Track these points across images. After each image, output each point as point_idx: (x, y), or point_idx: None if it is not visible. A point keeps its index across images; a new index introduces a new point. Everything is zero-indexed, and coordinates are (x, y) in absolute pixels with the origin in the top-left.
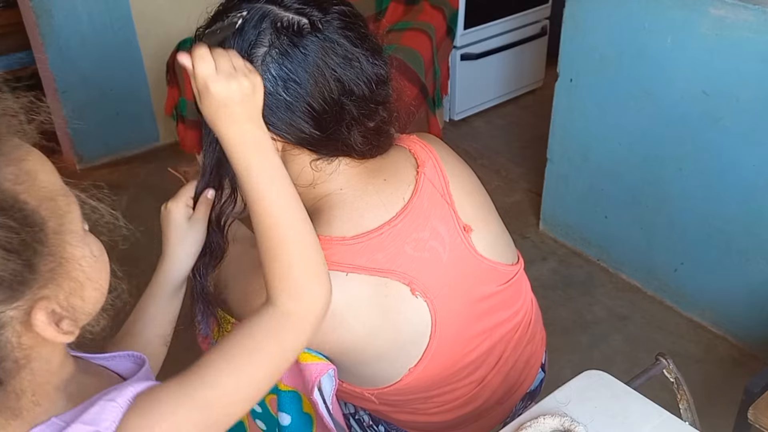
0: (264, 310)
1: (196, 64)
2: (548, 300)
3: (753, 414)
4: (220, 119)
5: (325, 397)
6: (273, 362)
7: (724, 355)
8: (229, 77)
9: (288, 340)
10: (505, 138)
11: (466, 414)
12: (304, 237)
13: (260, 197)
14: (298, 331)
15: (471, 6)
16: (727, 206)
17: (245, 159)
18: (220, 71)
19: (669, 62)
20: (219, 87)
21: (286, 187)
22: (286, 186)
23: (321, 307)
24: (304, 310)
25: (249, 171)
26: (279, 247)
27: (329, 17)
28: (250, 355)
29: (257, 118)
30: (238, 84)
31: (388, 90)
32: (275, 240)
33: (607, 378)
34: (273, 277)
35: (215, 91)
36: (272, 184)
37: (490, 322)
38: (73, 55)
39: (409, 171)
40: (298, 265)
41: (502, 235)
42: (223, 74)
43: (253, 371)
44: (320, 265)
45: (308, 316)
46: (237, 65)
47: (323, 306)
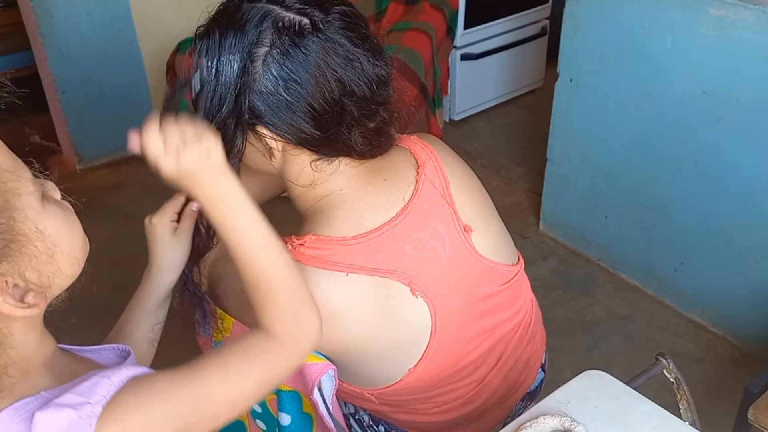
0: (260, 332)
1: (144, 148)
2: (548, 300)
3: (753, 414)
4: (185, 185)
5: (325, 397)
6: (262, 380)
7: (724, 355)
8: (178, 154)
9: (279, 364)
10: (505, 138)
11: (466, 414)
12: (287, 276)
13: (239, 247)
14: (289, 358)
15: (471, 6)
16: (727, 206)
17: (217, 215)
18: (168, 150)
19: (669, 62)
20: (169, 167)
21: (263, 232)
22: (262, 232)
23: (312, 337)
24: (296, 341)
25: (224, 225)
26: (266, 290)
27: (330, 17)
28: (242, 367)
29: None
30: (187, 158)
31: (388, 90)
32: (261, 283)
33: (607, 378)
34: (264, 316)
35: (166, 171)
36: (249, 232)
37: (490, 323)
38: (73, 55)
39: (409, 171)
40: (286, 303)
41: (502, 236)
42: (171, 152)
43: (243, 383)
44: (306, 298)
45: (300, 346)
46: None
47: (314, 335)
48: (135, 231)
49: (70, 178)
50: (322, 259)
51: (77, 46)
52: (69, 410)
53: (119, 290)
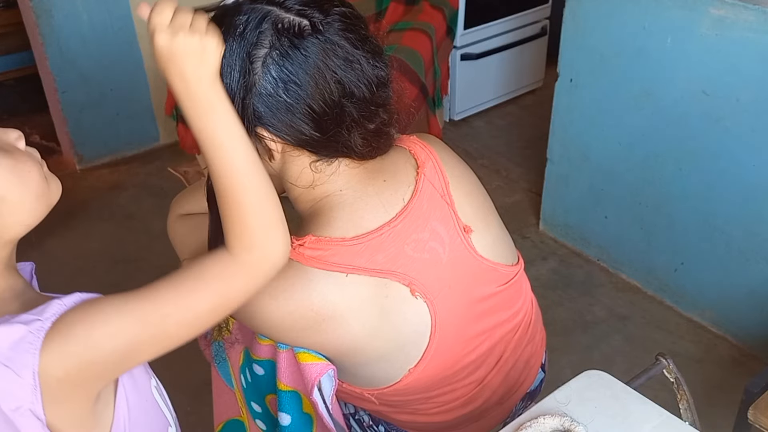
0: (219, 252)
1: (152, 14)
2: (548, 300)
3: (753, 414)
4: (169, 73)
5: (325, 397)
6: (216, 300)
7: (724, 355)
8: (177, 32)
9: (236, 284)
10: (505, 138)
11: (466, 414)
12: (260, 190)
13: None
14: (247, 279)
15: (471, 6)
16: (727, 206)
17: (194, 117)
18: (171, 25)
19: (669, 62)
20: (162, 39)
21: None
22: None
23: (274, 260)
24: (256, 260)
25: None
26: (235, 198)
27: (330, 19)
28: (195, 286)
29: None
30: (183, 39)
31: (388, 92)
32: (231, 190)
33: (607, 378)
34: (229, 225)
35: (157, 42)
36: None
37: (490, 323)
38: (73, 55)
39: (409, 172)
40: (253, 217)
41: (502, 236)
42: (172, 28)
43: (194, 302)
44: (276, 219)
45: (260, 266)
46: (196, 25)
47: (277, 259)
48: (135, 231)
49: (70, 178)
50: (322, 259)
51: (77, 46)
52: (20, 326)
53: (119, 290)
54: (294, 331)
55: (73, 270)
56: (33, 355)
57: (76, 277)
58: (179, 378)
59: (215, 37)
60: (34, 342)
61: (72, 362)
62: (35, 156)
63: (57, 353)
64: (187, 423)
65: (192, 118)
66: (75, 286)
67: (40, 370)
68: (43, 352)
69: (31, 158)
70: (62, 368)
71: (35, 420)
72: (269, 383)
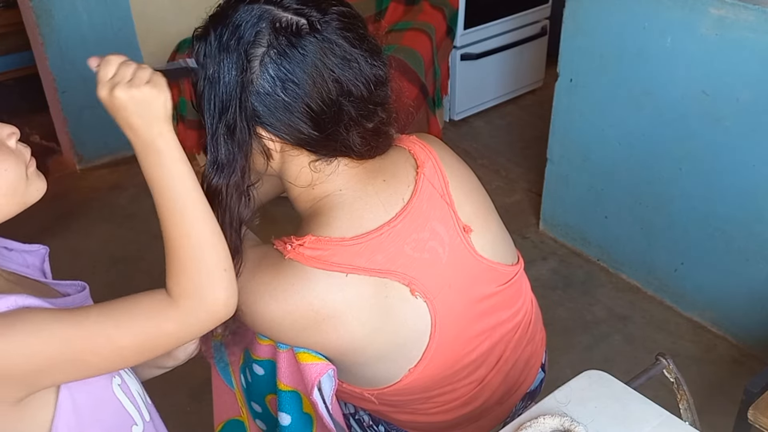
0: (157, 292)
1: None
2: (548, 300)
3: (753, 414)
4: (118, 122)
5: (325, 397)
6: (140, 339)
7: (724, 355)
8: (114, 85)
9: (166, 327)
10: (505, 138)
11: (466, 414)
12: (203, 237)
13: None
14: (179, 324)
15: (471, 6)
16: (727, 206)
17: (142, 161)
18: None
19: (669, 62)
20: (101, 92)
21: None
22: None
23: (213, 309)
24: (193, 307)
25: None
26: (177, 243)
27: (328, 18)
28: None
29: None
30: (119, 92)
31: (386, 91)
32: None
33: (607, 378)
34: (169, 267)
35: (98, 94)
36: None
37: (490, 322)
38: (73, 55)
39: (408, 172)
40: (193, 264)
41: (501, 236)
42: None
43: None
44: (221, 274)
45: (196, 314)
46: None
47: (216, 309)
48: (135, 231)
49: (70, 178)
50: (322, 259)
51: (77, 46)
52: None
53: (119, 289)
54: (294, 330)
55: (73, 270)
56: None
57: (76, 277)
58: (179, 378)
59: (156, 87)
60: None
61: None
62: (22, 155)
63: None
64: (187, 423)
65: (141, 162)
66: None
67: None
68: None
69: (12, 156)
70: None
71: None
72: (269, 383)
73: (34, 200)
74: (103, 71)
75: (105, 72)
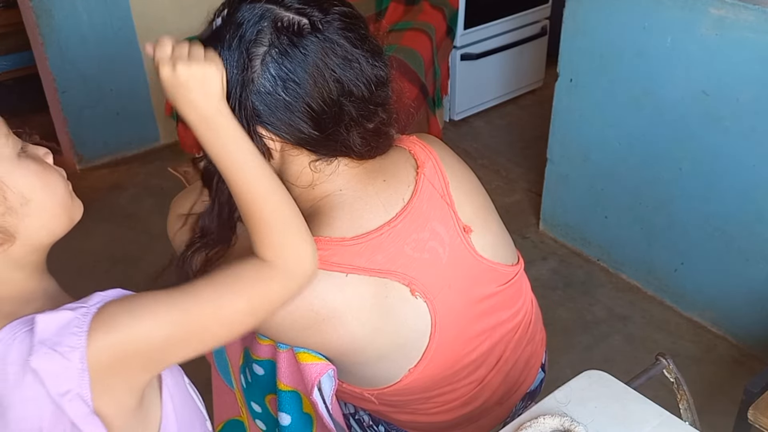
0: (254, 259)
1: (155, 50)
2: (548, 300)
3: (753, 414)
4: (179, 103)
5: (325, 397)
6: (255, 304)
7: (724, 355)
8: (176, 62)
9: (273, 290)
10: (505, 138)
11: (466, 414)
12: (280, 206)
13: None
14: (283, 284)
15: (471, 6)
16: (727, 206)
17: (209, 141)
18: (173, 57)
19: (669, 62)
20: (165, 71)
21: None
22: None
23: (306, 266)
24: (290, 267)
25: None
26: (261, 215)
27: (330, 18)
28: (234, 288)
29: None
30: (182, 69)
31: (387, 91)
32: (256, 207)
33: (607, 378)
34: (257, 239)
35: (162, 74)
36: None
37: (490, 323)
38: (73, 55)
39: (408, 172)
40: (280, 232)
41: (502, 236)
42: (172, 59)
43: (234, 305)
44: (300, 228)
45: (294, 273)
46: (194, 54)
47: (309, 265)
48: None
49: (70, 178)
50: (322, 259)
51: (77, 46)
52: (67, 311)
53: None
54: (294, 330)
55: (73, 270)
56: (80, 338)
57: (76, 277)
58: None
59: (213, 64)
60: (81, 325)
61: (116, 351)
62: (62, 173)
63: (102, 341)
64: None
65: (207, 142)
66: (75, 286)
67: (87, 353)
68: (90, 336)
69: (56, 173)
70: (107, 355)
71: (83, 405)
72: (269, 383)
73: (78, 217)
74: (160, 51)
75: (163, 51)
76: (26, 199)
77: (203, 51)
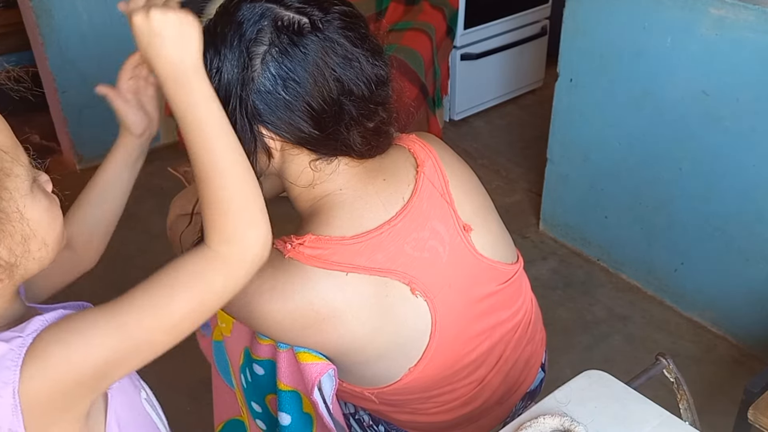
0: (197, 249)
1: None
2: (548, 300)
3: (753, 414)
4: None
5: (325, 397)
6: (195, 301)
7: (724, 355)
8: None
9: (216, 281)
10: (505, 138)
11: (466, 414)
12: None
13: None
14: (227, 274)
15: (471, 6)
16: (727, 206)
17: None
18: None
19: (669, 62)
20: (137, 17)
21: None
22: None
23: (255, 253)
24: (236, 254)
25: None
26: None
27: (330, 17)
28: (171, 291)
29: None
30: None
31: (387, 91)
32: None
33: (607, 378)
34: (208, 220)
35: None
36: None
37: (490, 322)
38: (73, 55)
39: (408, 171)
40: (233, 211)
41: (501, 235)
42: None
43: (174, 307)
44: (257, 213)
45: (241, 260)
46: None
47: (257, 252)
48: (135, 231)
49: (70, 178)
50: (322, 258)
51: (77, 46)
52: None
53: (118, 289)
54: (294, 330)
55: None
56: (13, 372)
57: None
58: (179, 378)
59: (193, 23)
60: (14, 359)
61: (53, 386)
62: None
63: (37, 378)
64: (187, 423)
65: (176, 101)
66: (75, 286)
67: (20, 389)
68: (24, 371)
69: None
70: (44, 392)
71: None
72: (269, 383)
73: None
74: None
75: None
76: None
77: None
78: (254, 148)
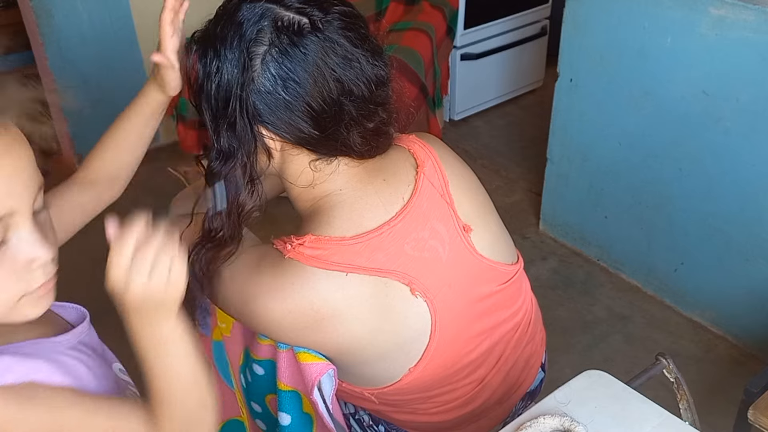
0: (143, 411)
1: (112, 252)
2: (548, 300)
3: (753, 414)
4: (127, 320)
5: (325, 397)
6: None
7: (724, 355)
8: (132, 282)
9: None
10: (505, 138)
11: (466, 414)
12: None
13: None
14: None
15: (471, 6)
16: (727, 206)
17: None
18: (131, 270)
19: (669, 62)
20: (115, 286)
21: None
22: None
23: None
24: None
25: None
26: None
27: (330, 17)
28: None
29: (164, 323)
30: (139, 291)
31: (387, 91)
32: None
33: (607, 378)
34: (157, 403)
35: (108, 284)
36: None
37: (490, 322)
38: (73, 55)
39: (408, 171)
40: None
41: (501, 235)
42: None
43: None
44: (207, 404)
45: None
46: (159, 270)
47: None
48: None
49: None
50: (322, 258)
51: (77, 46)
52: None
53: None
54: (294, 330)
55: (73, 270)
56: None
57: (75, 277)
58: None
59: (179, 284)
60: None
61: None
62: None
63: None
64: None
65: (146, 347)
66: (74, 286)
67: None
68: None
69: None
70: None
71: None
72: (269, 383)
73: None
74: (115, 259)
75: (120, 257)
76: None
77: (168, 261)
78: (254, 148)
